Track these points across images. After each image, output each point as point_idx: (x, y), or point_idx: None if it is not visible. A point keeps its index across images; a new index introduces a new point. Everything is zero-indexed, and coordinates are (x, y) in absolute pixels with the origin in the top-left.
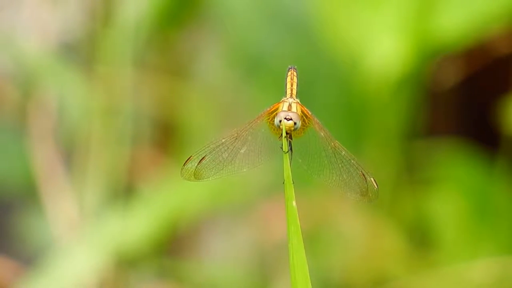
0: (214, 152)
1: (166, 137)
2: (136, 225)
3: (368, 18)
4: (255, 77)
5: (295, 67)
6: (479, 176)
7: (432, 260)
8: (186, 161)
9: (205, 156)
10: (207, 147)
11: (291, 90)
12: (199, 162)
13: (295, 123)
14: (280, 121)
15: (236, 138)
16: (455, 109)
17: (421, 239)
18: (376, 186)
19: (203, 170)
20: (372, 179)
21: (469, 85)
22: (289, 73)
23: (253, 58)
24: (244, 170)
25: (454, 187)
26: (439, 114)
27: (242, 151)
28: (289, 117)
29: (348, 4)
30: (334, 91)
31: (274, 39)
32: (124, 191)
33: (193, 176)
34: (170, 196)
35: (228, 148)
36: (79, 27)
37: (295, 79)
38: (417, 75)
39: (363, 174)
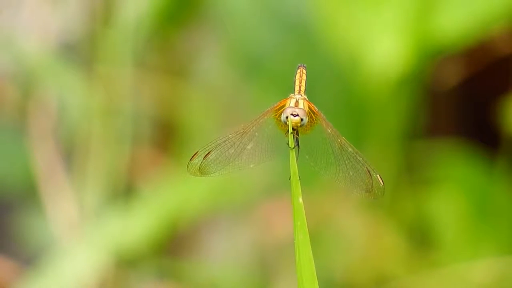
0: (220, 147)
1: (166, 137)
2: (136, 225)
3: (368, 18)
4: (255, 77)
5: (305, 65)
6: (479, 176)
7: (432, 260)
8: (192, 156)
9: (211, 151)
10: (214, 142)
11: (300, 87)
12: (205, 157)
13: (301, 119)
14: (287, 117)
15: (243, 134)
16: (455, 109)
17: (421, 239)
18: (381, 183)
19: (209, 165)
20: (378, 176)
21: (469, 85)
22: (298, 70)
23: (253, 58)
24: (251, 166)
25: (454, 187)
26: (439, 114)
27: (248, 147)
28: (296, 113)
29: (348, 4)
30: (334, 91)
31: (274, 39)
32: (124, 191)
33: (198, 172)
34: (170, 196)
35: (234, 143)
36: (79, 27)
37: (304, 76)
38: (418, 75)
39: (369, 171)
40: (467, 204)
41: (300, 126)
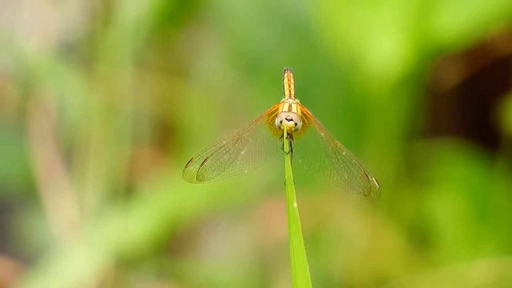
0: (215, 154)
1: (166, 137)
2: (136, 225)
3: (368, 18)
4: (255, 77)
5: (291, 68)
6: (479, 176)
7: (432, 260)
8: (187, 164)
9: (206, 158)
10: (208, 149)
11: (289, 91)
12: (201, 164)
13: (296, 124)
14: (281, 121)
15: (237, 140)
16: (455, 109)
17: (421, 239)
18: (377, 186)
19: (204, 172)
20: (373, 178)
21: (469, 85)
22: (286, 74)
23: (253, 58)
24: (245, 171)
25: (454, 187)
26: (439, 114)
27: (242, 152)
28: (290, 118)
29: (348, 4)
30: (334, 91)
31: (274, 39)
32: (124, 191)
33: (195, 178)
34: (170, 196)
35: (229, 150)
36: (79, 27)
37: (292, 80)
38: (418, 75)
39: (365, 174)
40: (467, 204)
41: (294, 130)
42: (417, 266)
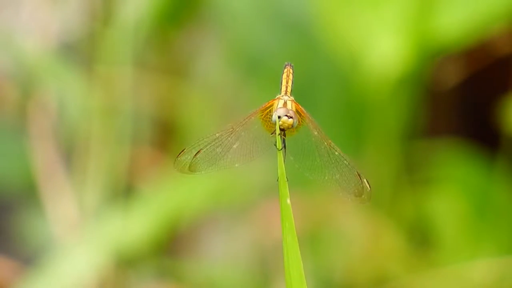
0: (208, 146)
1: (166, 137)
2: (136, 225)
3: (368, 17)
4: (255, 77)
5: (292, 64)
6: (479, 176)
7: (432, 260)
8: (179, 154)
9: (200, 150)
10: (202, 141)
11: (286, 87)
12: (194, 156)
13: (293, 121)
14: (279, 117)
15: (230, 133)
16: (455, 109)
17: (421, 239)
18: (369, 188)
19: (197, 164)
20: (365, 180)
21: (469, 85)
22: (285, 70)
23: (253, 58)
24: (236, 165)
25: (454, 187)
26: (439, 114)
27: (234, 146)
28: (290, 115)
29: (348, 4)
30: (334, 91)
31: (274, 39)
32: (124, 191)
33: (187, 169)
34: (170, 196)
35: (222, 143)
36: (79, 27)
37: (290, 76)
38: (417, 75)
39: (358, 174)
40: (467, 204)
41: (291, 127)
42: (417, 266)
